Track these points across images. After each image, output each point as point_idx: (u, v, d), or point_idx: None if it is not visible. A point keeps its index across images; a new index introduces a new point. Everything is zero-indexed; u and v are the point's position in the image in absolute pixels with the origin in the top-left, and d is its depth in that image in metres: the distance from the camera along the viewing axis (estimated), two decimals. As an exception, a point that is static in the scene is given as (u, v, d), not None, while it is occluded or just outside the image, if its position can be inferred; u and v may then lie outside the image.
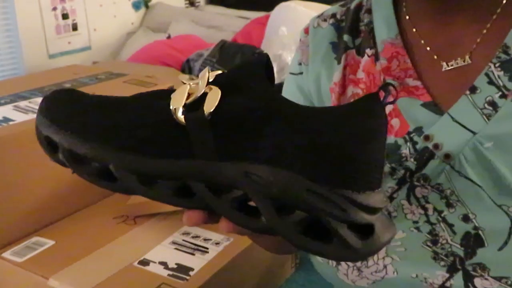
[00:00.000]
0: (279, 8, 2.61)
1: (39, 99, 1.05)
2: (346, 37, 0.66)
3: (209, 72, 0.40)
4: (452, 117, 0.55)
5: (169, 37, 3.06)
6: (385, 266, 0.56)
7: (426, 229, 0.55)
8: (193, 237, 0.93)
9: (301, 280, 0.94)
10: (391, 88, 0.38)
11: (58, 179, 0.98)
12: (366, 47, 0.63)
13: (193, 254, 0.87)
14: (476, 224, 0.53)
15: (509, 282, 0.52)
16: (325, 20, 0.69)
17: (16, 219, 0.93)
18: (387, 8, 0.63)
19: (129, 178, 0.40)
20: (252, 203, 0.39)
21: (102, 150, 0.40)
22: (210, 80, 0.40)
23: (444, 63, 0.57)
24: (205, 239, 0.91)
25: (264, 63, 0.40)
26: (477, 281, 0.53)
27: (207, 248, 0.89)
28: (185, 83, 0.40)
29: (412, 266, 0.55)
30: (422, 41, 0.60)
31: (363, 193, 0.37)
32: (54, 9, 2.99)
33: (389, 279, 0.56)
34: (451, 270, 0.54)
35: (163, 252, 0.88)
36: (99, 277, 0.82)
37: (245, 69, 0.40)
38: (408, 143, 0.57)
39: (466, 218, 0.54)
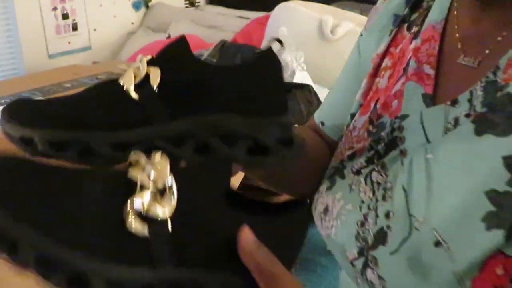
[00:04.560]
0: (279, 8, 2.61)
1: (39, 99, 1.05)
2: (406, 11, 0.65)
3: (144, 57, 0.49)
4: (422, 118, 0.55)
5: (169, 37, 3.06)
6: (332, 226, 0.60)
7: (364, 211, 0.57)
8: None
9: (301, 280, 0.94)
10: None
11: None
12: (415, 25, 0.63)
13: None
14: (389, 223, 0.54)
15: (385, 285, 0.53)
16: None
17: (16, 219, 0.93)
18: None
19: (104, 148, 0.45)
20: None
21: (80, 132, 0.45)
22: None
23: (462, 55, 0.56)
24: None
25: (184, 42, 0.49)
26: (368, 272, 0.55)
27: (207, 248, 0.89)
28: (126, 69, 0.48)
29: (343, 236, 0.58)
30: (456, 27, 0.58)
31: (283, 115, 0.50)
32: (54, 9, 2.99)
33: (331, 239, 0.60)
34: (360, 253, 0.56)
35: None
36: (99, 277, 0.82)
37: (170, 50, 0.49)
38: (389, 127, 0.58)
39: (387, 215, 0.54)
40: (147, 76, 0.47)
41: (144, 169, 0.40)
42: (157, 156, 0.40)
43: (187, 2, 3.73)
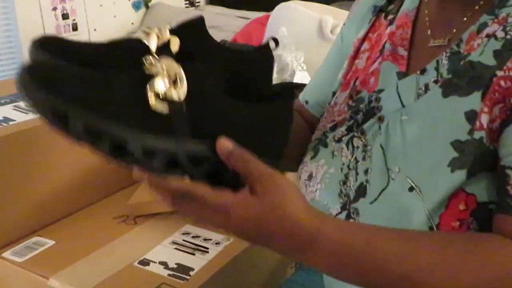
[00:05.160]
0: (279, 8, 2.61)
1: (39, 99, 1.05)
2: (384, 2, 0.74)
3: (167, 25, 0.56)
4: (397, 88, 0.63)
5: (169, 37, 3.06)
6: (316, 190, 0.67)
7: (345, 171, 0.65)
8: (193, 237, 0.93)
9: (301, 280, 0.94)
10: None
11: (58, 179, 0.98)
12: (391, 13, 0.72)
13: (193, 254, 0.87)
14: (368, 178, 0.62)
15: None
16: None
17: (16, 219, 0.93)
18: None
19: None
20: None
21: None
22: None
23: (432, 39, 0.64)
24: (205, 239, 0.91)
25: (202, 21, 0.57)
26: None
27: (207, 248, 0.89)
28: (150, 31, 0.54)
29: (327, 196, 0.66)
30: (426, 11, 0.67)
31: None
32: (54, 9, 2.99)
33: (315, 201, 0.67)
34: (342, 208, 0.63)
35: (163, 252, 0.89)
36: (99, 277, 0.82)
37: (188, 25, 0.55)
38: (367, 100, 0.66)
39: (366, 171, 0.62)
40: (167, 42, 0.54)
41: (159, 64, 0.49)
42: (168, 59, 0.50)
43: (187, 2, 3.73)
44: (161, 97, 0.49)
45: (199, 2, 3.78)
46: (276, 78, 2.03)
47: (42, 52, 0.50)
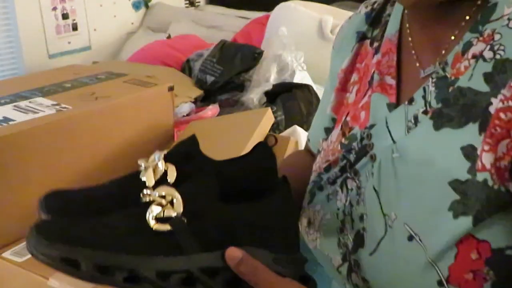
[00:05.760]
0: (279, 8, 2.61)
1: (39, 99, 1.05)
2: (366, 27, 0.68)
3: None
4: (387, 122, 0.57)
5: (169, 37, 3.06)
6: (316, 238, 0.63)
7: (341, 217, 0.59)
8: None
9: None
10: None
11: (58, 179, 0.98)
12: (376, 40, 0.66)
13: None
14: (364, 225, 0.56)
15: (369, 286, 0.55)
16: (366, 6, 0.71)
17: (16, 219, 0.93)
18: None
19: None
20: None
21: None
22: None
23: (422, 71, 0.58)
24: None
25: (194, 140, 0.57)
26: (353, 276, 0.57)
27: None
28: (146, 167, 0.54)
29: (327, 245, 0.61)
30: (410, 38, 0.61)
31: None
32: (54, 9, 2.99)
33: (317, 250, 0.63)
34: (343, 258, 0.59)
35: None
36: (99, 277, 0.82)
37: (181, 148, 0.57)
38: (359, 137, 0.60)
39: (361, 218, 0.57)
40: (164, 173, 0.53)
41: (155, 193, 0.51)
42: (163, 187, 0.51)
43: (187, 2, 3.73)
44: (160, 217, 0.49)
45: (199, 2, 3.78)
46: (276, 78, 2.03)
47: (47, 211, 0.56)
